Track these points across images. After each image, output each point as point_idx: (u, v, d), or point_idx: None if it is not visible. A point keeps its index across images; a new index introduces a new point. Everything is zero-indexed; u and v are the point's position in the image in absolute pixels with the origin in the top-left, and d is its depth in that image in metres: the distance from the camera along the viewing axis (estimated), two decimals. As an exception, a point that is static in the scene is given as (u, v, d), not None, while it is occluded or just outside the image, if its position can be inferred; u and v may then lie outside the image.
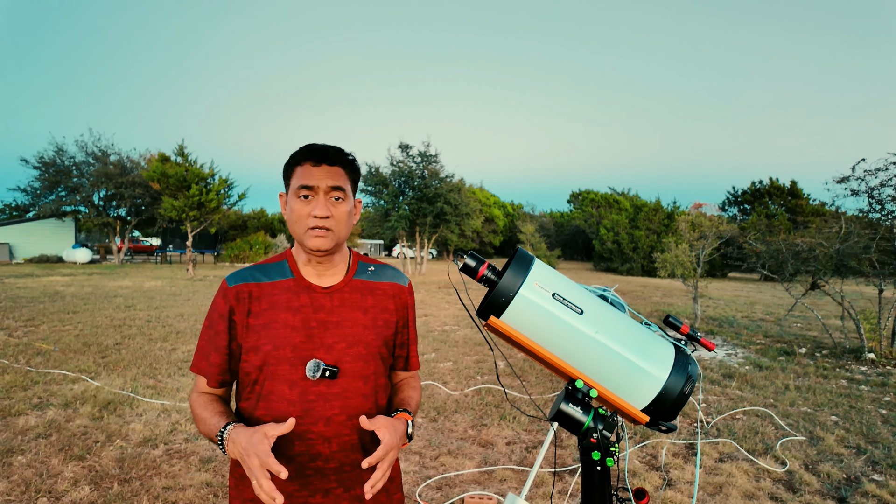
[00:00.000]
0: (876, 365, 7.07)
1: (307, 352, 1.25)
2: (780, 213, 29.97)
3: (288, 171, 1.30)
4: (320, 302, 1.29)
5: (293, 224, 1.27)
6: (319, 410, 1.24)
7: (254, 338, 1.25)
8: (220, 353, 1.29)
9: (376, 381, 1.34)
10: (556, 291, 1.20)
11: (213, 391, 1.32)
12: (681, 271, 10.59)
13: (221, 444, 1.16)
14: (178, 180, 20.53)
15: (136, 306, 10.57)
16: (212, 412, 1.24)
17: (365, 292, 1.35)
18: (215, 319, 1.29)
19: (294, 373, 1.24)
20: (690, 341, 1.29)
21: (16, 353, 6.30)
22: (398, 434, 1.20)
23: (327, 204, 1.24)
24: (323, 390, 1.25)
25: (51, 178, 25.18)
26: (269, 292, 1.28)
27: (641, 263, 27.78)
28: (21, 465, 3.45)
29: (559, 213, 45.19)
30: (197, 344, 1.33)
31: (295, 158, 1.28)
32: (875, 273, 7.53)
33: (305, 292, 1.29)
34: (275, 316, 1.26)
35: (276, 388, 1.25)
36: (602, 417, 1.24)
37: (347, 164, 1.30)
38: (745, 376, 6.35)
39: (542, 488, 3.40)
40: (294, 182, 1.26)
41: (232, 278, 1.30)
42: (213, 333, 1.29)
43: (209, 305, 9.47)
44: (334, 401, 1.26)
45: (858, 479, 3.63)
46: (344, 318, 1.30)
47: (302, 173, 1.25)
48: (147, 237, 36.24)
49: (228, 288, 1.28)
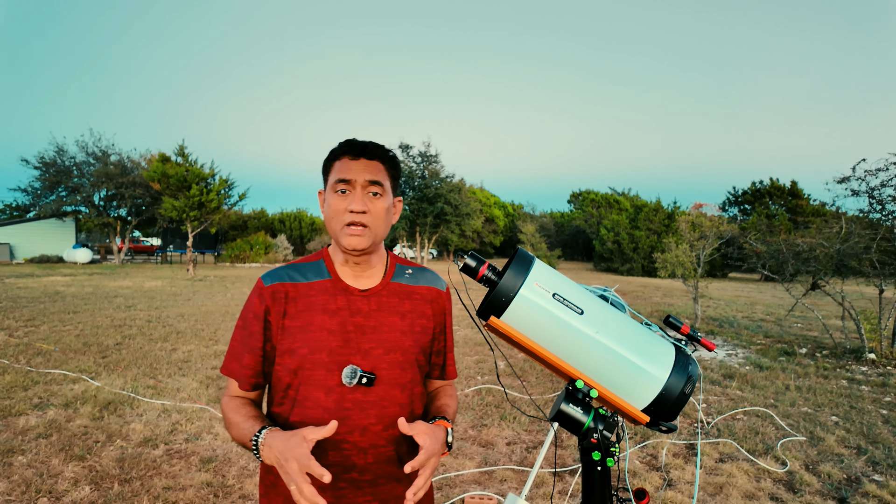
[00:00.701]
0: (876, 365, 7.07)
1: (343, 357, 1.20)
2: (780, 214, 29.96)
3: (326, 167, 1.26)
4: (357, 305, 1.24)
5: (330, 220, 1.23)
6: (355, 419, 1.19)
7: (289, 340, 1.20)
8: (253, 354, 1.23)
9: (413, 390, 1.28)
10: (556, 291, 1.20)
11: (246, 394, 1.26)
12: (681, 271, 10.59)
13: (256, 449, 1.11)
14: (179, 180, 20.55)
15: (136, 306, 10.57)
16: (244, 416, 1.18)
17: (402, 296, 1.30)
18: (249, 319, 1.23)
19: (330, 378, 1.19)
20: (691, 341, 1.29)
21: (16, 353, 6.31)
22: (438, 441, 1.15)
23: (364, 199, 1.20)
24: (359, 398, 1.19)
25: (51, 179, 25.20)
26: (306, 293, 1.23)
27: (642, 264, 27.77)
28: (21, 465, 3.45)
29: (559, 214, 45.18)
30: (228, 345, 1.28)
31: (334, 153, 1.25)
32: (875, 273, 7.52)
33: (343, 294, 1.24)
34: (311, 318, 1.21)
35: (311, 393, 1.19)
36: (602, 418, 1.24)
37: (387, 160, 1.25)
38: (746, 376, 6.34)
39: (542, 488, 3.40)
40: (332, 177, 1.23)
41: (268, 277, 1.25)
42: (247, 334, 1.23)
43: (210, 305, 9.45)
44: (370, 409, 1.20)
45: (859, 480, 3.63)
46: (381, 323, 1.24)
47: (340, 167, 1.21)
48: (147, 237, 36.25)
49: (264, 287, 1.23)
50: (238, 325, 1.27)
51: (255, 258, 27.20)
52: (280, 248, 29.04)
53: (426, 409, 1.37)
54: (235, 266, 25.19)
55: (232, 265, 25.83)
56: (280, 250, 28.87)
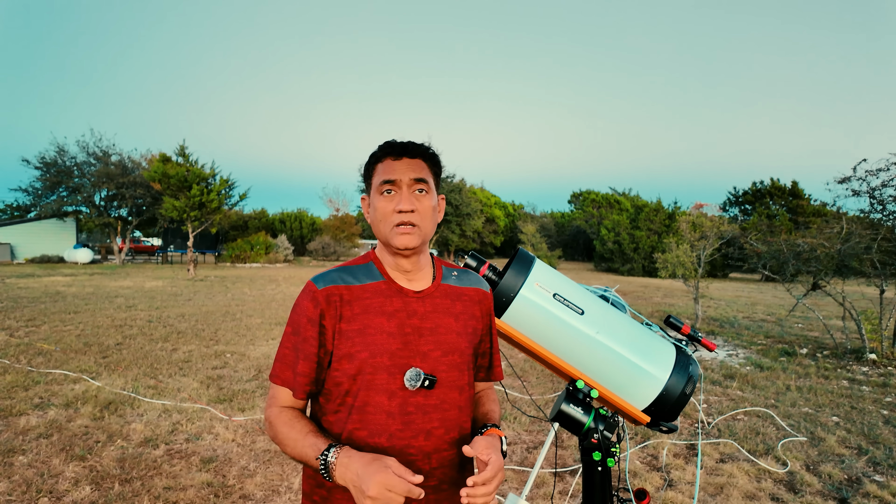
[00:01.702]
0: (877, 365, 7.06)
1: (404, 360, 1.17)
2: (781, 214, 29.94)
3: (369, 171, 1.25)
4: (413, 307, 1.22)
5: (378, 223, 1.21)
6: (419, 423, 1.17)
7: (347, 344, 1.16)
8: (309, 361, 1.18)
9: (469, 392, 1.28)
10: (556, 292, 1.20)
11: (295, 404, 1.21)
12: (682, 272, 10.58)
13: (325, 468, 1.06)
14: (180, 180, 20.56)
15: (137, 306, 10.57)
16: (301, 431, 1.13)
17: (454, 298, 1.28)
18: (303, 325, 1.18)
19: (392, 382, 1.16)
20: (691, 342, 1.29)
21: (17, 354, 6.31)
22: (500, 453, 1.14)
23: (411, 197, 1.19)
24: (421, 402, 1.17)
25: (52, 179, 25.22)
26: (360, 296, 1.20)
27: (642, 264, 27.76)
28: (22, 464, 3.45)
29: (560, 214, 45.16)
30: (277, 352, 1.23)
31: (375, 156, 1.23)
32: (876, 273, 7.52)
33: (398, 296, 1.22)
34: (369, 321, 1.18)
35: (372, 398, 1.16)
36: (603, 418, 1.24)
37: (429, 157, 1.24)
38: (746, 377, 6.34)
39: (542, 489, 3.40)
40: (376, 179, 1.21)
41: (320, 280, 1.21)
42: (301, 340, 1.18)
43: (211, 305, 9.43)
44: (433, 413, 1.18)
45: (860, 480, 3.62)
46: (438, 325, 1.22)
47: (383, 169, 1.20)
48: (148, 237, 36.27)
49: (318, 290, 1.18)
50: (287, 332, 1.22)
51: (256, 258, 27.20)
52: (281, 249, 29.04)
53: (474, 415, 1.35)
54: (236, 266, 25.20)
55: (232, 265, 25.84)
56: (281, 250, 28.87)
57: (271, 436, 1.18)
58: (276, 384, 1.21)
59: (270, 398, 1.23)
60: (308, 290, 1.20)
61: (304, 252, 34.14)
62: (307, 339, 1.18)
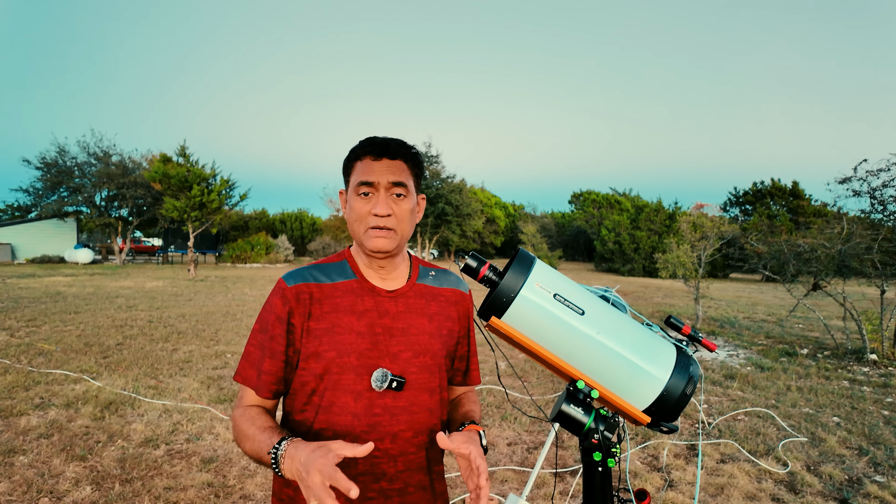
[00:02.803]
0: (878, 366, 7.06)
1: (372, 360, 1.15)
2: (781, 214, 29.94)
3: (347, 167, 1.21)
4: (385, 306, 1.19)
5: (353, 223, 1.18)
6: (386, 426, 1.15)
7: (314, 343, 1.14)
8: (276, 359, 1.15)
9: (441, 395, 1.25)
10: (557, 292, 1.20)
11: (262, 403, 1.17)
12: (682, 272, 10.58)
13: (275, 462, 1.00)
14: (180, 181, 20.58)
15: (137, 307, 10.58)
16: (259, 427, 1.08)
17: (429, 298, 1.26)
18: (271, 322, 1.15)
19: (359, 383, 1.14)
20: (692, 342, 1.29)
21: (18, 354, 6.32)
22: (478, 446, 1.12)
23: (388, 201, 1.15)
24: (389, 403, 1.15)
25: (53, 179, 25.25)
26: (331, 294, 1.17)
27: (643, 264, 27.76)
28: (23, 465, 3.46)
29: (560, 214, 45.18)
30: (244, 351, 1.19)
31: (354, 153, 1.19)
32: (877, 274, 7.51)
33: (370, 295, 1.19)
34: (338, 320, 1.15)
35: (338, 399, 1.13)
36: (603, 418, 1.24)
37: (410, 158, 1.20)
38: (747, 377, 6.34)
39: (543, 489, 3.40)
40: (354, 178, 1.18)
41: (290, 277, 1.18)
42: (268, 338, 1.15)
43: (211, 305, 9.44)
44: (401, 415, 1.16)
45: (860, 481, 3.62)
46: (410, 325, 1.20)
47: (362, 169, 1.16)
48: (149, 238, 36.30)
49: (287, 288, 1.16)
50: (255, 329, 1.19)
51: (257, 258, 27.22)
52: (281, 249, 29.07)
53: (450, 417, 1.33)
54: (237, 266, 25.21)
55: (233, 265, 25.85)
56: (281, 251, 28.90)
57: (234, 436, 1.14)
58: (239, 383, 1.18)
59: (238, 399, 1.20)
60: (278, 288, 1.18)
61: (304, 252, 34.16)
62: (274, 337, 1.15)
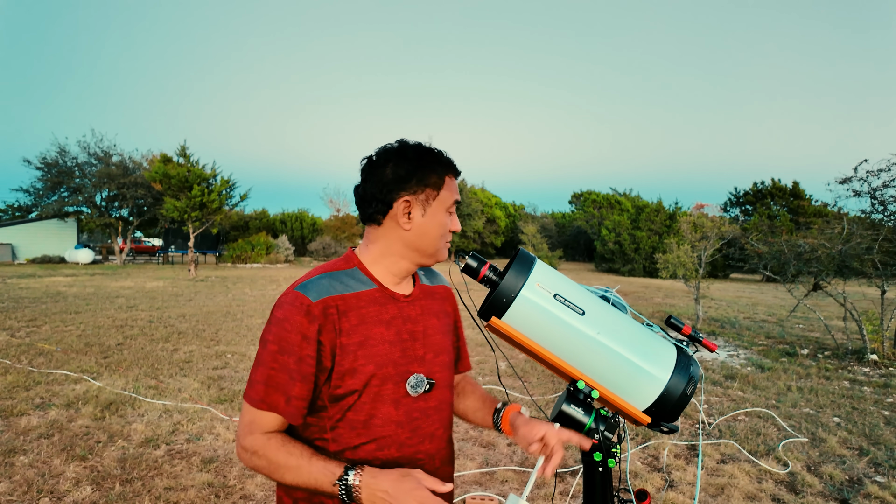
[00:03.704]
0: (878, 366, 7.05)
1: (404, 367, 1.15)
2: (782, 214, 29.92)
3: (435, 179, 1.17)
4: (407, 312, 1.20)
5: (435, 236, 1.18)
6: (424, 428, 1.18)
7: (349, 359, 1.09)
8: (307, 382, 1.07)
9: (453, 388, 1.34)
10: (557, 292, 1.20)
11: (281, 428, 1.11)
12: (682, 272, 10.58)
13: (346, 492, 1.00)
14: (180, 181, 20.60)
15: (137, 307, 10.58)
16: (304, 456, 1.04)
17: (432, 297, 1.30)
18: (296, 343, 1.06)
19: (397, 391, 1.14)
20: (692, 342, 1.29)
21: (18, 354, 6.32)
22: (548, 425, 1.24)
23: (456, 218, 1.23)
24: (422, 406, 1.18)
25: (53, 179, 25.28)
26: (356, 305, 1.13)
27: (643, 264, 27.75)
28: (23, 465, 3.46)
29: (561, 214, 45.15)
30: (258, 374, 1.08)
31: (443, 167, 1.19)
32: (878, 274, 7.51)
33: (392, 302, 1.18)
34: (368, 332, 1.12)
35: (379, 410, 1.12)
36: (604, 418, 1.24)
37: None
38: (747, 377, 6.34)
39: (543, 489, 3.40)
40: (446, 195, 1.18)
41: (311, 291, 1.10)
42: (296, 360, 1.06)
43: (212, 306, 9.39)
44: (434, 415, 1.20)
45: (861, 481, 3.62)
46: (427, 327, 1.23)
47: (453, 187, 1.20)
48: (149, 238, 36.32)
49: (313, 304, 1.08)
50: (271, 350, 1.07)
51: (257, 259, 27.22)
52: (281, 249, 29.06)
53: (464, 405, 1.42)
54: (237, 266, 25.21)
55: (233, 266, 25.85)
56: (281, 251, 28.90)
57: (259, 466, 1.06)
58: (263, 410, 1.07)
59: (249, 424, 1.08)
60: (299, 303, 1.08)
61: (304, 252, 34.16)
62: (303, 359, 1.07)
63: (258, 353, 1.10)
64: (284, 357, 1.06)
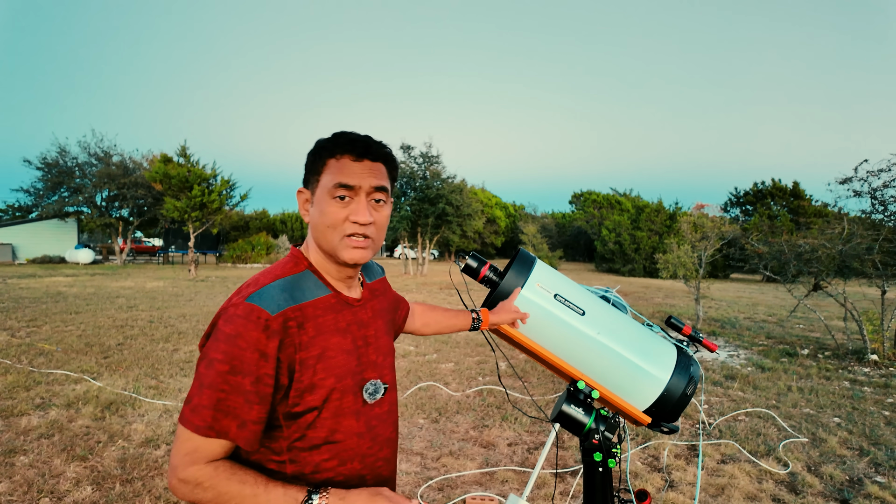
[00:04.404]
0: (879, 366, 7.05)
1: (360, 375, 1.09)
2: (782, 214, 29.90)
3: (317, 163, 1.06)
4: (360, 317, 1.13)
5: (324, 230, 1.04)
6: (382, 434, 1.14)
7: (308, 374, 1.00)
8: (265, 404, 0.97)
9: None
10: (557, 292, 1.20)
11: (226, 454, 0.98)
12: (683, 272, 10.57)
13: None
14: (181, 181, 20.58)
15: (138, 307, 10.58)
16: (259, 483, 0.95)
17: (376, 295, 1.24)
18: (254, 362, 0.94)
19: (357, 402, 1.08)
20: (692, 342, 1.29)
21: (18, 354, 6.32)
22: None
23: (370, 207, 1.04)
24: (378, 411, 1.14)
25: (53, 179, 25.29)
26: (313, 314, 1.03)
27: (643, 264, 27.75)
28: (23, 465, 3.46)
29: (561, 214, 45.16)
30: (203, 396, 0.94)
31: (328, 149, 1.05)
32: (878, 274, 7.51)
33: (346, 308, 1.10)
34: (325, 342, 1.03)
35: (341, 424, 1.05)
36: (604, 419, 1.24)
37: (390, 160, 1.10)
38: (748, 377, 6.33)
39: (543, 489, 3.39)
40: (328, 178, 1.03)
41: (267, 302, 0.98)
42: (253, 380, 0.94)
43: (212, 306, 9.37)
44: (388, 419, 1.17)
45: (861, 481, 3.62)
46: (377, 330, 1.17)
47: (340, 168, 1.03)
48: (149, 238, 36.32)
49: (272, 318, 0.96)
50: (221, 371, 0.94)
51: (257, 259, 27.23)
52: (282, 249, 29.07)
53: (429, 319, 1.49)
54: (237, 267, 25.21)
55: (234, 266, 25.85)
56: (282, 251, 28.90)
57: (203, 500, 0.94)
58: (210, 437, 0.94)
59: (190, 453, 0.94)
60: (255, 317, 0.95)
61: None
62: (261, 379, 0.95)
63: (201, 373, 0.96)
64: (238, 378, 0.94)
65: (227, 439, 0.95)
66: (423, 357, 6.91)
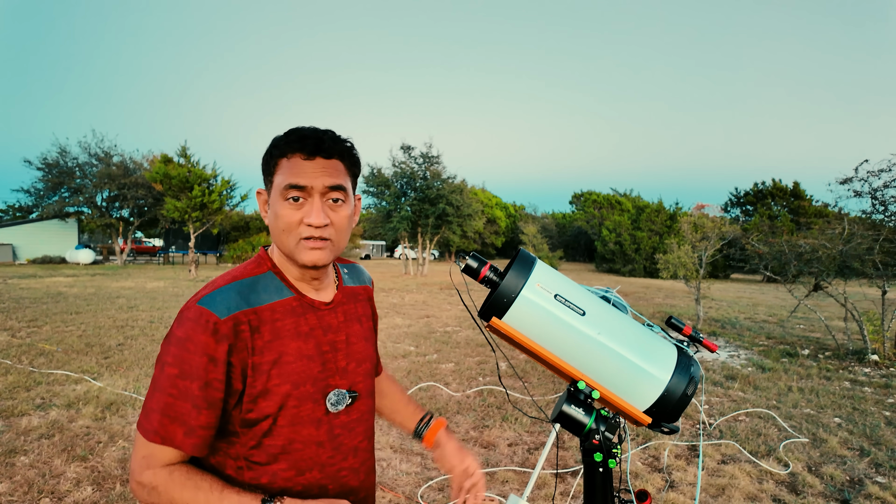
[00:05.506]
0: (879, 366, 7.05)
1: (324, 382, 1.04)
2: (782, 215, 29.92)
3: (270, 165, 1.01)
4: (327, 321, 1.07)
5: (279, 234, 1.00)
6: (348, 443, 1.09)
7: (262, 380, 0.96)
8: (214, 409, 0.94)
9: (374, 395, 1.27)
10: (558, 293, 1.20)
11: (182, 459, 0.96)
12: (683, 272, 10.58)
13: None
14: (181, 181, 20.60)
15: (138, 307, 10.59)
16: (214, 490, 0.93)
17: (355, 300, 1.18)
18: (200, 366, 0.92)
19: (318, 410, 1.03)
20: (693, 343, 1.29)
21: (19, 354, 6.32)
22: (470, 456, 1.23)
23: (324, 208, 0.99)
24: (345, 420, 1.08)
25: (54, 180, 25.32)
26: (270, 318, 0.99)
27: (644, 265, 27.76)
28: (24, 465, 3.46)
29: (561, 215, 45.19)
30: (153, 401, 0.93)
31: (279, 148, 0.99)
32: (878, 274, 7.51)
33: (311, 312, 1.05)
34: (283, 347, 0.99)
35: (299, 433, 1.01)
36: (604, 419, 1.24)
37: (347, 156, 1.03)
38: (748, 378, 6.33)
39: (543, 490, 3.39)
40: (280, 179, 0.98)
41: (219, 305, 0.95)
42: (201, 385, 0.92)
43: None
44: (357, 427, 1.11)
45: (862, 482, 3.62)
46: (349, 335, 1.11)
47: (290, 168, 0.98)
48: (150, 238, 36.36)
49: (221, 321, 0.93)
50: (171, 374, 0.92)
51: (257, 259, 27.22)
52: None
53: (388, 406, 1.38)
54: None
55: (234, 266, 25.85)
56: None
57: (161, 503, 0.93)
58: (156, 443, 0.92)
59: (145, 458, 0.94)
60: (204, 321, 0.93)
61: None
62: (210, 384, 0.92)
63: (154, 377, 0.95)
64: (186, 382, 0.92)
65: (174, 447, 0.93)
66: (423, 357, 6.92)
